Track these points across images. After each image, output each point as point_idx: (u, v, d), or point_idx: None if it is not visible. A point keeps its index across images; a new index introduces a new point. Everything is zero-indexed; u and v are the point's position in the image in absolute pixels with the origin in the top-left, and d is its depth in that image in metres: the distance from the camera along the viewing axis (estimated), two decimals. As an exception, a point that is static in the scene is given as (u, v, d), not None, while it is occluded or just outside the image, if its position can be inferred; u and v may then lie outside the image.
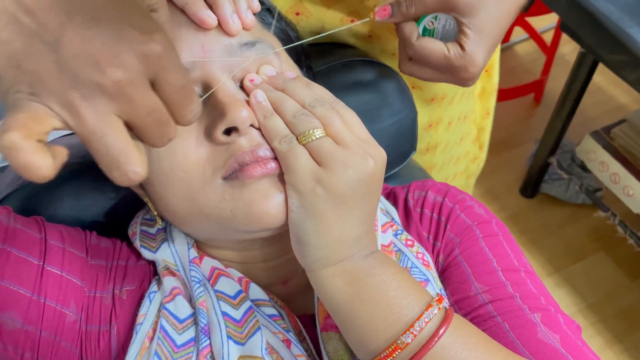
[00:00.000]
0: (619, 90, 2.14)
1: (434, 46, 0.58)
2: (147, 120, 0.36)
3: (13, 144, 0.32)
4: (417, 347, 0.42)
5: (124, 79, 0.33)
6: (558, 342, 0.50)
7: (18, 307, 0.49)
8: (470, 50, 0.56)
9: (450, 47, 0.57)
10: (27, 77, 0.33)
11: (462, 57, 0.57)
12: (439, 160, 1.00)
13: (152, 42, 0.34)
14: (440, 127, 0.93)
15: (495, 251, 0.57)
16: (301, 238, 0.45)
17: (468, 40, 0.56)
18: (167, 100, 0.36)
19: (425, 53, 0.58)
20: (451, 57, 0.57)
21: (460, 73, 0.58)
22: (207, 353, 0.48)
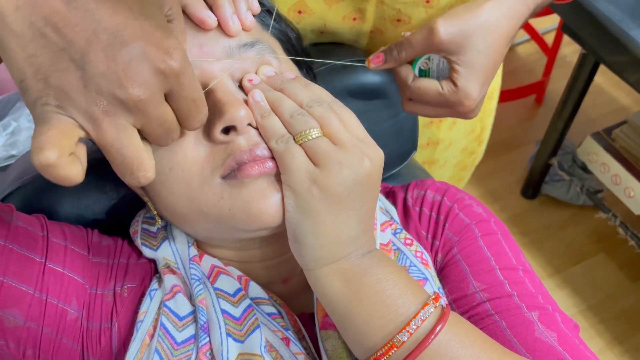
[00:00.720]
0: (620, 91, 2.14)
1: (428, 85, 0.61)
2: (158, 129, 0.38)
3: (49, 162, 0.35)
4: (413, 345, 0.42)
5: (144, 97, 0.36)
6: (555, 341, 0.50)
7: (20, 304, 0.50)
8: (462, 85, 0.59)
9: (443, 84, 0.60)
10: (53, 91, 0.35)
11: (455, 92, 0.59)
12: (441, 157, 1.00)
13: (171, 60, 0.36)
14: (443, 125, 0.94)
15: (493, 250, 0.58)
16: (298, 237, 0.46)
17: (459, 77, 0.59)
18: (178, 111, 0.39)
19: (421, 93, 0.61)
20: (445, 93, 0.60)
21: (456, 107, 0.61)
22: (207, 350, 0.48)
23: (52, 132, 0.35)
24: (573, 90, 1.55)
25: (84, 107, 0.35)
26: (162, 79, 0.36)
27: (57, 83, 0.35)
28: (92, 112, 0.35)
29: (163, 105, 0.38)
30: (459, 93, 0.59)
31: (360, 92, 0.76)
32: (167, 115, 0.38)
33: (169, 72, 0.36)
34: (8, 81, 1.31)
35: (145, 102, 0.36)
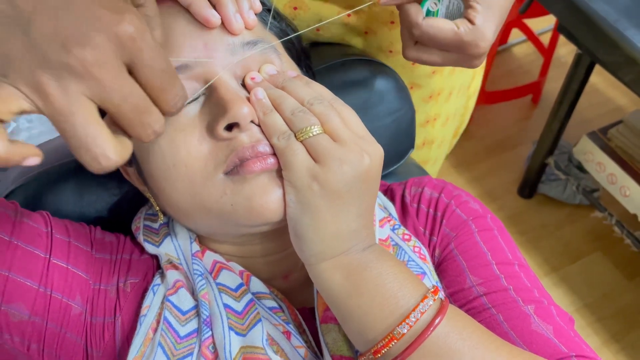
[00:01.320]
0: (616, 91, 2.16)
1: (442, 24, 0.56)
2: (124, 106, 0.35)
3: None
4: (412, 337, 0.43)
5: (92, 58, 0.33)
6: (551, 333, 0.51)
7: (25, 299, 0.50)
8: (480, 23, 0.56)
9: (459, 23, 0.56)
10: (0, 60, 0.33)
11: (472, 31, 0.56)
12: (434, 154, 1.01)
13: (124, 21, 0.34)
14: (437, 123, 0.95)
15: (489, 245, 0.59)
16: (299, 232, 0.46)
17: (477, 14, 0.55)
18: (146, 84, 0.36)
19: (434, 32, 0.56)
20: (461, 32, 0.56)
21: (470, 49, 0.57)
22: (210, 344, 0.49)
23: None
24: (569, 90, 1.56)
25: (27, 73, 0.33)
26: (115, 43, 0.34)
27: (2, 51, 0.33)
28: (37, 78, 0.33)
29: (122, 75, 0.35)
30: (476, 32, 0.56)
31: (358, 90, 0.77)
32: (130, 87, 0.35)
33: (122, 35, 0.34)
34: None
35: (93, 64, 0.33)
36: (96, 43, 0.33)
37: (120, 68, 0.35)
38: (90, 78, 0.34)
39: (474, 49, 0.57)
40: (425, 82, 0.88)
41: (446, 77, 0.89)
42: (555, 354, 0.50)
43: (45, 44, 0.33)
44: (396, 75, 0.80)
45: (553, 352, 0.50)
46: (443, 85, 0.89)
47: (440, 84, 0.89)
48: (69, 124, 0.34)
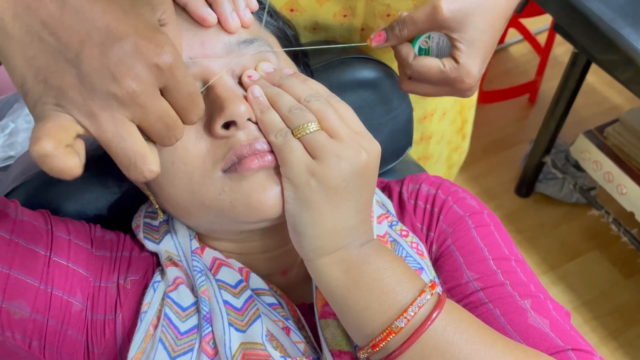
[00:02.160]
0: (612, 90, 2.17)
1: (430, 63, 0.61)
2: (158, 124, 0.39)
3: (46, 152, 0.36)
4: (410, 330, 0.44)
5: (138, 89, 0.37)
6: (547, 327, 0.52)
7: (26, 296, 0.50)
8: (464, 62, 0.60)
9: (445, 62, 0.60)
10: (52, 91, 0.36)
11: (457, 69, 0.60)
12: (435, 151, 1.02)
13: (164, 54, 0.37)
14: (434, 118, 0.95)
15: (486, 241, 0.59)
16: (297, 228, 0.47)
17: (461, 54, 0.60)
18: (176, 105, 0.40)
19: (423, 71, 0.61)
20: (447, 71, 0.60)
21: (457, 85, 0.62)
22: (210, 340, 0.50)
23: (49, 124, 0.36)
24: (565, 90, 1.56)
25: (80, 103, 0.37)
26: (156, 73, 0.37)
27: (55, 83, 0.36)
28: (89, 108, 0.37)
29: (159, 99, 0.39)
30: (460, 70, 0.60)
31: (356, 88, 0.78)
32: (164, 109, 0.39)
33: (162, 66, 0.37)
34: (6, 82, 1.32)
35: (139, 95, 0.37)
36: (140, 74, 0.37)
37: (157, 92, 0.39)
38: (134, 105, 0.38)
39: (460, 85, 0.62)
40: None
41: None
42: (552, 348, 0.50)
43: (96, 77, 0.36)
44: (394, 73, 0.80)
45: (549, 345, 0.50)
46: None
47: None
48: (120, 147, 0.38)
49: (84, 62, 0.36)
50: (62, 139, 0.36)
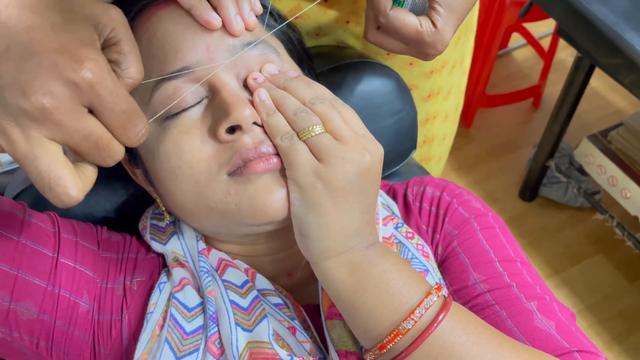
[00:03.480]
0: (615, 95, 2.17)
1: (408, 19, 0.57)
2: (84, 144, 0.37)
3: None
4: (417, 332, 0.44)
5: (49, 106, 0.35)
6: (553, 329, 0.52)
7: (34, 297, 0.51)
8: (441, 28, 0.57)
9: (423, 22, 0.57)
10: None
11: (433, 34, 0.57)
12: (437, 152, 1.02)
13: (82, 69, 0.36)
14: (437, 121, 0.96)
15: (492, 243, 0.59)
16: (303, 231, 0.47)
17: (440, 17, 0.56)
18: (107, 124, 0.38)
19: (398, 24, 0.57)
20: (423, 32, 0.57)
21: (428, 49, 0.58)
22: (216, 339, 0.50)
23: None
24: (569, 94, 1.56)
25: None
26: (73, 89, 0.36)
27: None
28: (1, 123, 0.36)
29: (82, 117, 0.37)
30: (436, 35, 0.57)
31: (361, 92, 0.78)
32: (90, 128, 0.37)
33: (80, 82, 0.36)
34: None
35: (51, 111, 0.35)
36: (53, 90, 0.35)
37: (79, 111, 0.37)
38: (49, 123, 0.36)
39: (431, 49, 0.58)
40: (423, 82, 0.89)
41: (444, 77, 0.90)
42: (558, 349, 0.50)
43: (7, 91, 0.35)
44: (398, 76, 0.81)
45: (555, 347, 0.51)
46: (442, 84, 0.91)
47: (439, 83, 0.90)
48: (33, 167, 0.37)
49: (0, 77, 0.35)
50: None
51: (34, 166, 0.37)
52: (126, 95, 0.39)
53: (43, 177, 0.37)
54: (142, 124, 0.40)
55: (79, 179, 0.38)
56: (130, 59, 0.41)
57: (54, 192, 0.37)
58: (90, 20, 0.39)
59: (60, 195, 0.37)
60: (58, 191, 0.37)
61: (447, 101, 0.95)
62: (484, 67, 1.90)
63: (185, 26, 0.51)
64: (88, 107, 0.37)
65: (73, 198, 0.38)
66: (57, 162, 0.37)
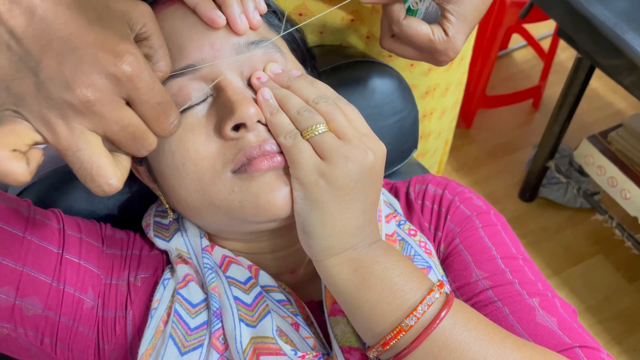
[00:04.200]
0: (615, 96, 2.17)
1: (420, 28, 0.58)
2: (122, 134, 0.39)
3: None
4: (420, 329, 0.44)
5: (93, 98, 0.36)
6: (555, 325, 0.52)
7: (39, 293, 0.51)
8: (453, 35, 0.58)
9: (435, 31, 0.58)
10: (13, 98, 0.37)
11: (445, 42, 0.58)
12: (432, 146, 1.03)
13: (122, 63, 0.37)
14: (433, 117, 0.97)
15: (494, 240, 0.60)
16: (306, 229, 0.47)
17: (451, 26, 0.58)
18: (143, 116, 0.40)
19: (412, 33, 0.59)
20: (435, 40, 0.58)
21: (440, 56, 0.60)
22: (220, 335, 0.50)
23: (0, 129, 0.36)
24: (569, 95, 1.57)
25: (37, 111, 0.37)
26: (114, 82, 0.37)
27: (15, 90, 0.36)
28: (45, 116, 0.37)
29: (121, 109, 0.38)
30: (448, 43, 0.58)
31: (363, 91, 0.78)
32: (128, 119, 0.38)
33: (120, 76, 0.37)
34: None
35: (94, 103, 0.37)
36: (96, 83, 0.37)
37: (119, 103, 0.38)
38: (91, 115, 0.37)
39: (442, 57, 0.60)
40: (422, 80, 0.90)
41: (442, 74, 0.91)
42: (560, 345, 0.51)
43: (52, 84, 0.36)
44: (400, 76, 0.81)
45: (557, 343, 0.51)
46: (439, 81, 0.92)
47: (436, 79, 0.91)
48: (76, 158, 0.38)
49: (43, 70, 0.36)
50: (9, 143, 0.36)
51: (77, 157, 0.38)
52: (161, 88, 0.40)
53: (86, 167, 0.38)
54: (175, 115, 0.42)
55: (117, 168, 0.39)
56: (161, 52, 0.43)
57: (96, 182, 0.38)
58: (124, 16, 0.40)
59: (102, 185, 0.39)
60: (100, 181, 0.38)
61: (444, 97, 0.96)
62: (484, 68, 1.90)
63: (190, 24, 0.51)
64: (126, 99, 0.38)
65: (114, 187, 0.39)
66: (98, 152, 0.38)
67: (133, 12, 0.41)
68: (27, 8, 0.36)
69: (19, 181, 0.37)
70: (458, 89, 0.99)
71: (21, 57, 0.36)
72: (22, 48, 0.36)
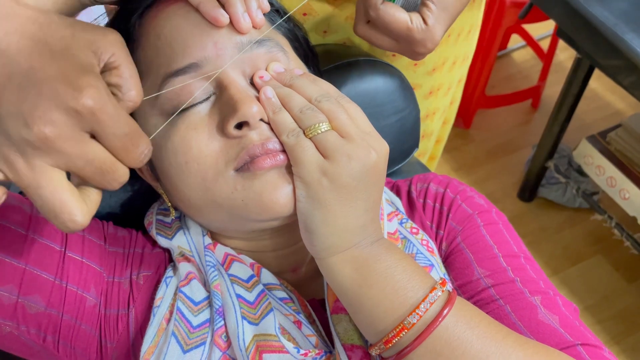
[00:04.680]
0: (614, 96, 2.18)
1: (398, 14, 0.56)
2: (88, 169, 0.37)
3: None
4: (422, 326, 0.44)
5: (52, 135, 0.35)
6: (557, 323, 0.52)
7: (42, 291, 0.51)
8: (432, 25, 0.56)
9: (414, 18, 0.56)
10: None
11: (423, 31, 0.56)
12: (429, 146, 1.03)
13: (83, 97, 0.36)
14: (435, 117, 0.97)
15: (495, 238, 0.60)
16: (309, 227, 0.47)
17: (431, 15, 0.56)
18: (110, 148, 0.38)
19: (389, 20, 0.56)
20: (413, 29, 0.56)
21: (417, 47, 0.58)
22: (222, 333, 0.50)
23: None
24: (568, 95, 1.57)
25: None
26: (75, 117, 0.36)
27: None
28: (5, 153, 0.36)
29: (84, 143, 0.37)
30: (427, 32, 0.56)
31: (364, 90, 0.78)
32: (93, 153, 0.37)
33: (81, 109, 0.35)
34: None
35: (53, 140, 0.35)
36: (54, 119, 0.35)
37: (82, 137, 0.37)
38: (52, 151, 0.36)
39: (420, 48, 0.58)
40: (426, 80, 0.90)
41: (445, 74, 0.91)
42: (561, 343, 0.51)
43: (10, 121, 0.35)
44: (401, 75, 0.81)
45: (559, 341, 0.51)
46: (442, 81, 0.92)
47: (440, 79, 0.91)
48: (37, 196, 0.37)
49: (2, 106, 0.35)
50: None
51: (38, 194, 0.36)
52: (127, 118, 0.38)
53: (48, 204, 0.37)
54: (145, 144, 0.40)
55: (84, 203, 0.38)
56: (131, 82, 0.41)
57: (60, 219, 0.37)
58: (90, 45, 0.39)
59: (66, 222, 0.37)
60: (64, 218, 0.37)
61: (446, 97, 0.96)
62: (483, 68, 1.91)
63: (193, 23, 0.51)
64: (90, 132, 0.37)
65: (78, 224, 0.38)
66: (61, 189, 0.37)
67: (101, 41, 0.39)
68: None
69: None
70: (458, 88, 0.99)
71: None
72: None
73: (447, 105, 1.00)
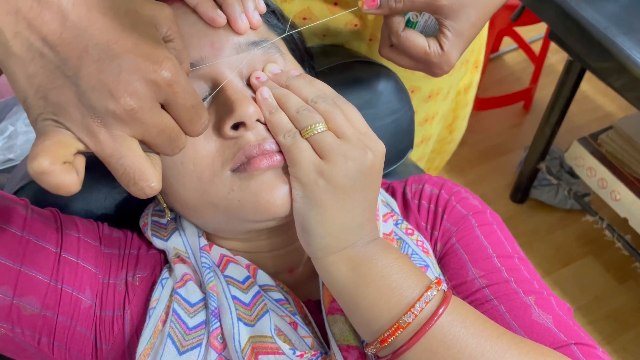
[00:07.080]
0: (605, 98, 2.19)
1: (417, 40, 0.60)
2: (159, 137, 0.39)
3: (42, 169, 0.35)
4: (418, 326, 0.45)
5: (136, 106, 0.37)
6: (551, 322, 0.53)
7: (37, 292, 0.51)
8: (448, 50, 0.60)
9: (431, 44, 0.60)
10: (52, 107, 0.36)
11: (440, 55, 0.60)
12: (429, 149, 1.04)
13: (162, 70, 0.37)
14: (434, 121, 0.97)
15: (490, 239, 0.60)
16: (306, 227, 0.48)
17: (447, 41, 0.59)
18: (178, 118, 0.40)
19: (408, 45, 0.61)
20: (430, 53, 0.60)
21: (434, 69, 0.62)
22: (218, 334, 0.50)
23: (47, 142, 0.36)
24: (560, 97, 1.58)
25: (79, 120, 0.36)
26: (154, 89, 0.37)
27: (54, 99, 0.36)
28: (88, 125, 0.36)
29: (159, 114, 0.38)
30: (442, 57, 0.60)
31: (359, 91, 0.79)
32: (165, 123, 0.39)
33: (160, 82, 0.37)
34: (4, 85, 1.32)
35: (137, 111, 0.37)
36: (137, 91, 0.36)
37: (157, 108, 0.38)
38: (133, 122, 0.37)
39: (437, 69, 0.62)
40: (424, 84, 0.90)
41: (445, 77, 0.91)
42: (556, 343, 0.51)
43: (93, 94, 0.36)
44: (396, 77, 0.82)
45: (553, 340, 0.51)
46: (442, 85, 0.92)
47: (439, 83, 0.91)
48: (119, 165, 0.38)
49: (83, 79, 0.35)
50: (60, 156, 0.36)
51: (120, 163, 0.38)
52: (194, 90, 0.40)
53: (129, 173, 0.38)
54: (206, 115, 0.42)
55: (156, 170, 0.40)
56: (184, 54, 0.43)
57: (139, 186, 0.39)
58: (152, 19, 0.40)
59: (144, 188, 0.39)
60: (142, 184, 0.39)
61: (445, 101, 0.96)
62: (476, 70, 1.92)
63: (190, 23, 0.52)
64: (162, 103, 0.39)
65: (155, 189, 0.39)
66: (140, 157, 0.38)
67: (160, 15, 0.41)
68: (58, 13, 0.35)
69: (72, 192, 0.37)
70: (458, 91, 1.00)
71: (57, 65, 0.35)
72: (58, 56, 0.35)
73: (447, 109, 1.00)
